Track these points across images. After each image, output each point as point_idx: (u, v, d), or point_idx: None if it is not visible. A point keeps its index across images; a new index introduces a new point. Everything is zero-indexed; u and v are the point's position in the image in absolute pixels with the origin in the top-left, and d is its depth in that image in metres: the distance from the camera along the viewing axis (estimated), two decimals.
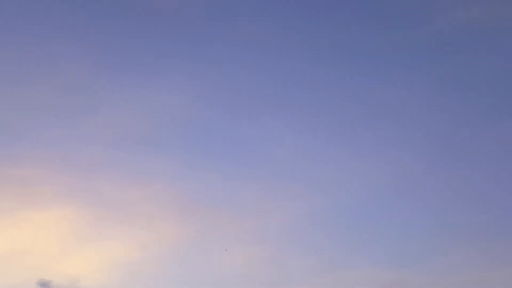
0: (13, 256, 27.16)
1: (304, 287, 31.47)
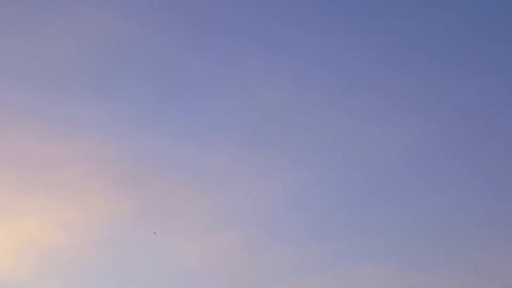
0: None
1: (287, 286, 25.11)
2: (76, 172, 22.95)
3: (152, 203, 25.78)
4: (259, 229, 26.19)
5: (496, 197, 28.85)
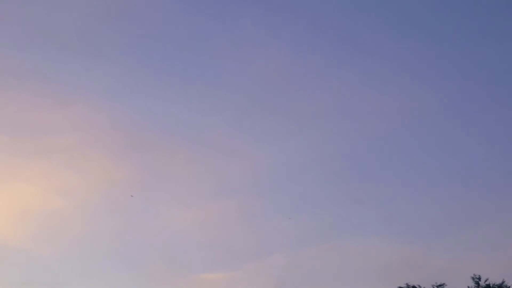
0: None
1: (282, 256, 24.85)
2: (73, 137, 22.44)
3: (150, 170, 25.33)
4: (256, 198, 25.81)
5: (497, 169, 28.21)
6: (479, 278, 19.81)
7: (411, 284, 19.99)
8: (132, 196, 19.91)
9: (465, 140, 29.52)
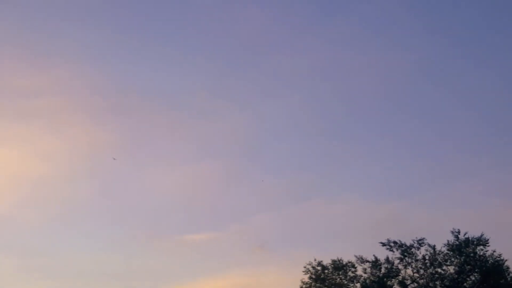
0: None
1: (265, 216, 25.10)
2: (55, 101, 22.24)
3: (132, 133, 25.24)
4: (239, 159, 25.92)
5: (479, 125, 28.56)
6: (459, 232, 20.17)
7: (392, 239, 20.46)
8: (114, 159, 20.06)
9: (446, 97, 30.01)
